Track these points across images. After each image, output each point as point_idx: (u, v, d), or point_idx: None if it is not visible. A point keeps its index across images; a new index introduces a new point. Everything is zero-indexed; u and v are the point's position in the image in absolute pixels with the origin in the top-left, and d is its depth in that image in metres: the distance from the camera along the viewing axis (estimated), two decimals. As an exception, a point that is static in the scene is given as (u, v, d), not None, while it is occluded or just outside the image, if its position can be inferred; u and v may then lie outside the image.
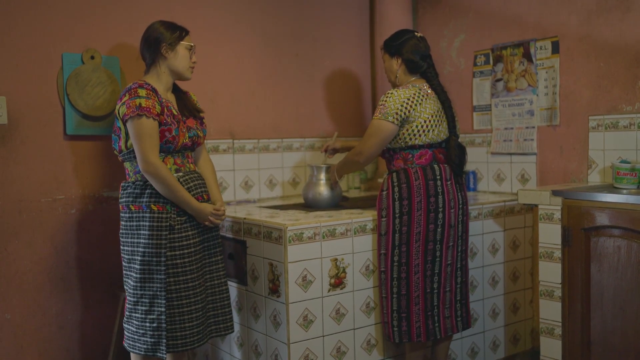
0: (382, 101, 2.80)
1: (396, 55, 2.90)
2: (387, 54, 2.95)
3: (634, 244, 2.63)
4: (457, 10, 3.91)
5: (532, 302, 3.54)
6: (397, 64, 2.91)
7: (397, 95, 2.78)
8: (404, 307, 2.81)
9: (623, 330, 2.68)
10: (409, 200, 2.77)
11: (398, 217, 2.78)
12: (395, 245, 2.79)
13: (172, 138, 2.54)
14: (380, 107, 2.79)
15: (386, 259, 2.81)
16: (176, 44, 2.61)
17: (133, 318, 2.59)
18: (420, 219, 2.77)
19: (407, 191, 2.77)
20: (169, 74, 2.64)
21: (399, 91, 2.80)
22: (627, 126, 3.11)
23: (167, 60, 2.61)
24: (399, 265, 2.80)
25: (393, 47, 2.91)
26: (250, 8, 3.72)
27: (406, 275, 2.80)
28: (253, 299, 2.90)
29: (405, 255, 2.79)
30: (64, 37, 3.10)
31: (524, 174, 3.59)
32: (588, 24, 3.26)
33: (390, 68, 2.95)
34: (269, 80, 3.81)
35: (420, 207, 2.77)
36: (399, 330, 2.82)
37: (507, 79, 3.65)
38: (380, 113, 2.77)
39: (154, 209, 2.52)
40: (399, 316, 2.81)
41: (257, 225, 2.83)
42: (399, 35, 2.93)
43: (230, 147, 3.63)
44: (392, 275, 2.81)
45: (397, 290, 2.81)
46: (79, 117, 3.12)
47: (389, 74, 2.97)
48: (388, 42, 2.96)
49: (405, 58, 2.88)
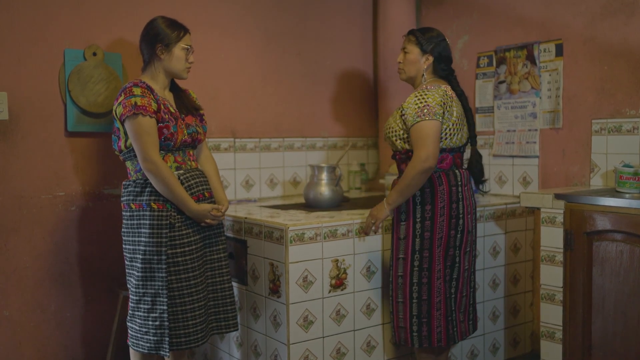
0: (421, 101, 2.65)
1: (428, 53, 2.77)
2: (418, 48, 2.77)
3: (636, 249, 2.62)
4: (460, 11, 3.90)
5: (532, 305, 3.53)
6: (426, 61, 2.78)
7: (434, 94, 2.66)
8: (424, 313, 2.73)
9: (624, 334, 2.67)
10: (432, 205, 2.69)
11: (420, 222, 2.70)
12: (415, 250, 2.71)
13: (170, 135, 2.53)
14: (424, 108, 2.63)
15: (405, 264, 2.74)
16: (172, 45, 2.58)
17: (136, 317, 2.58)
18: (442, 224, 2.71)
19: (430, 196, 2.70)
20: (164, 73, 2.63)
21: (432, 91, 2.67)
22: (630, 130, 3.11)
23: (162, 62, 2.60)
24: (419, 270, 2.72)
25: (428, 44, 2.76)
26: (254, 5, 3.70)
27: (427, 281, 2.72)
28: (253, 299, 2.89)
29: (428, 260, 2.71)
30: (67, 33, 3.09)
31: (525, 176, 3.58)
32: (592, 27, 3.25)
33: (414, 61, 2.79)
34: (271, 78, 3.79)
35: (444, 212, 2.70)
36: (418, 335, 2.74)
37: (510, 81, 3.64)
38: (429, 114, 2.62)
39: (154, 207, 2.51)
40: (419, 321, 2.74)
41: (258, 225, 2.82)
42: (435, 34, 2.80)
43: (231, 145, 3.62)
44: (412, 280, 2.73)
45: (418, 296, 2.73)
46: (81, 114, 3.11)
47: (409, 66, 2.80)
48: (422, 36, 2.78)
49: (437, 58, 2.78)
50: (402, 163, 2.79)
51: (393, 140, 2.79)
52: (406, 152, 2.75)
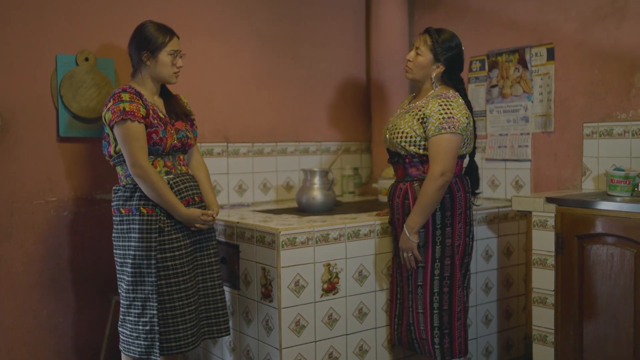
0: (446, 112, 2.59)
1: (440, 62, 2.69)
2: (432, 54, 2.69)
3: (627, 252, 2.63)
4: (453, 15, 3.92)
5: (525, 308, 3.54)
6: (436, 69, 2.71)
7: (460, 106, 2.62)
8: (446, 324, 2.69)
9: (616, 337, 2.68)
10: (452, 212, 2.67)
11: (440, 229, 2.67)
12: (435, 257, 2.67)
13: (159, 140, 2.54)
14: (449, 119, 2.58)
15: (425, 272, 2.68)
16: (158, 51, 2.58)
17: (127, 321, 2.58)
18: (460, 231, 2.69)
19: (450, 202, 2.67)
20: (151, 79, 2.64)
21: (457, 102, 2.63)
22: (621, 134, 3.12)
23: (149, 68, 2.60)
24: (440, 279, 2.68)
25: (443, 53, 2.69)
26: (247, 10, 3.71)
27: (449, 290, 2.68)
28: (245, 304, 2.89)
29: (449, 268, 2.68)
30: (59, 39, 3.09)
31: (518, 180, 3.59)
32: (583, 31, 3.27)
33: (424, 66, 2.71)
34: (265, 83, 3.80)
35: (461, 219, 2.69)
36: (440, 347, 2.69)
37: (502, 85, 3.65)
38: (453, 127, 2.58)
39: (143, 211, 2.51)
40: (441, 333, 2.69)
41: (250, 229, 2.82)
42: (452, 41, 2.71)
43: (224, 150, 3.62)
44: (433, 290, 2.68)
45: (439, 306, 2.68)
46: (72, 119, 3.11)
47: (418, 69, 2.73)
48: (438, 41, 2.69)
49: (447, 68, 2.70)
50: (411, 167, 2.72)
51: (404, 145, 2.69)
52: (420, 157, 2.69)
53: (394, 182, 2.84)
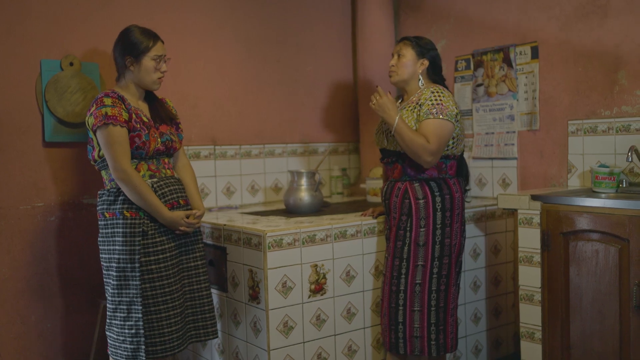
0: (436, 99, 2.68)
1: (424, 58, 2.81)
2: (414, 51, 2.80)
3: (611, 248, 2.64)
4: (438, 16, 3.93)
5: (514, 306, 3.55)
6: (422, 65, 2.80)
7: (449, 97, 2.71)
8: (441, 320, 2.75)
9: (602, 333, 2.69)
10: (451, 212, 2.73)
11: (440, 228, 2.72)
12: (435, 257, 2.72)
13: (142, 144, 2.54)
14: (438, 106, 2.66)
15: (424, 271, 2.73)
16: (141, 56, 2.58)
17: (113, 325, 2.58)
18: (457, 231, 2.77)
19: (450, 202, 2.73)
20: (134, 84, 2.64)
21: (447, 93, 2.72)
22: (605, 131, 3.14)
23: (132, 73, 2.61)
24: (438, 278, 2.73)
25: (424, 49, 2.81)
26: (233, 14, 3.72)
27: (445, 288, 2.75)
28: (233, 306, 2.89)
29: (447, 267, 2.74)
30: (43, 44, 3.09)
31: (505, 178, 3.61)
32: (567, 29, 3.29)
33: (409, 64, 2.80)
34: (252, 86, 3.80)
35: (459, 219, 2.77)
36: (436, 343, 2.75)
37: (487, 84, 3.67)
38: (442, 113, 2.65)
39: (126, 215, 2.51)
40: (437, 329, 2.75)
41: (237, 231, 2.83)
42: (429, 42, 2.85)
43: (211, 153, 3.62)
44: (431, 288, 2.73)
45: (436, 303, 2.74)
46: (58, 124, 3.11)
47: (404, 69, 2.80)
48: (419, 41, 2.83)
49: (431, 63, 2.82)
50: (410, 167, 2.75)
51: None
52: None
53: (389, 182, 2.85)
